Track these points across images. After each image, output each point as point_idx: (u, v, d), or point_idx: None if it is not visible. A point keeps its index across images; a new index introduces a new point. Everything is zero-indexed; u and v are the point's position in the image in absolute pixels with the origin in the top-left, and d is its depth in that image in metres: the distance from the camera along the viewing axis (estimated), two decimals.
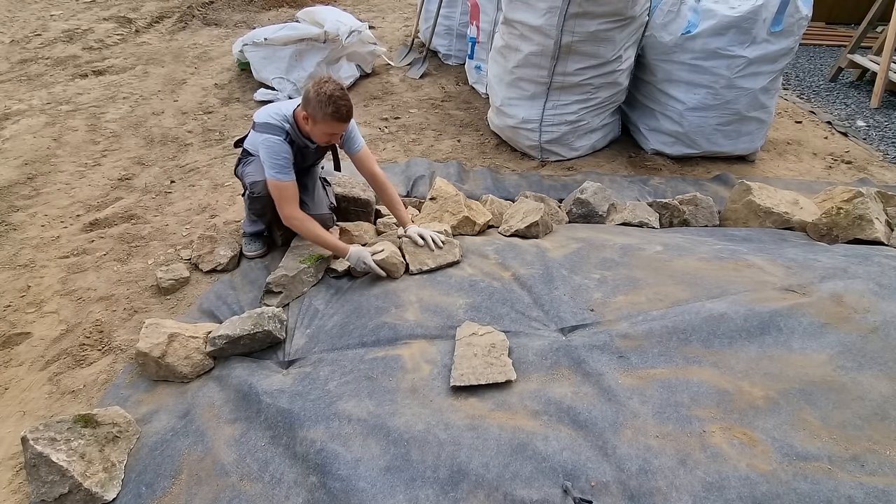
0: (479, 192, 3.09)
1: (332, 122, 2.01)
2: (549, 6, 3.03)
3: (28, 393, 1.94)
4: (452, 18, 4.94)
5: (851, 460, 1.40)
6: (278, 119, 2.14)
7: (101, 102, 4.34)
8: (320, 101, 1.97)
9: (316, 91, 1.98)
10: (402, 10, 7.01)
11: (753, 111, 3.36)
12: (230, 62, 5.08)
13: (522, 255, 2.28)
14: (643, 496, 1.34)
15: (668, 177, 3.42)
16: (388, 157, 3.58)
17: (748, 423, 1.51)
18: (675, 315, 1.85)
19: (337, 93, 1.98)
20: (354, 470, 1.44)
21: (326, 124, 2.03)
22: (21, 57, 5.26)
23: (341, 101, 1.99)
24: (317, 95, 1.98)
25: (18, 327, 2.23)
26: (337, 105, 1.98)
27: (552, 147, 3.53)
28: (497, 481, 1.39)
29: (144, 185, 3.24)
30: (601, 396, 1.60)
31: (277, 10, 6.86)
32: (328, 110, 1.97)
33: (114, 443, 1.62)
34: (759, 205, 2.68)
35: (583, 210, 2.79)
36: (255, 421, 1.67)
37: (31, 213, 2.97)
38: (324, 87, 1.98)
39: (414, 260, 2.23)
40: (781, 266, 2.12)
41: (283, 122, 2.14)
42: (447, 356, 1.79)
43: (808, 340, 1.74)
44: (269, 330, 1.92)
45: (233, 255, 2.50)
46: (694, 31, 3.22)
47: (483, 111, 4.12)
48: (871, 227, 2.42)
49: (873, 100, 4.66)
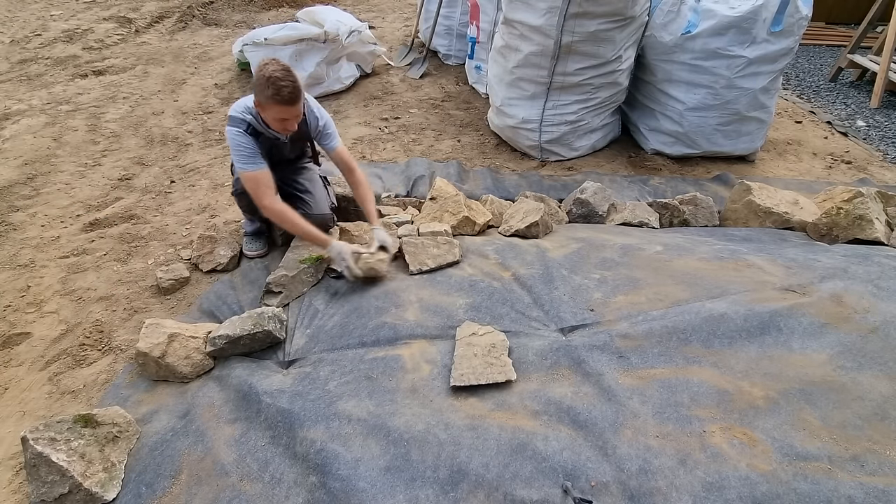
0: (479, 192, 3.09)
1: (276, 105, 1.92)
2: (549, 6, 3.03)
3: (28, 393, 1.94)
4: (452, 18, 4.94)
5: (851, 460, 1.40)
6: (240, 111, 2.09)
7: (101, 102, 4.34)
8: (261, 85, 1.88)
9: (257, 75, 1.90)
10: (402, 10, 7.01)
11: (753, 111, 3.36)
12: (230, 62, 5.08)
13: (522, 255, 2.28)
14: (643, 496, 1.34)
15: (668, 177, 3.42)
16: (388, 157, 3.58)
17: (748, 423, 1.51)
18: (675, 315, 1.85)
19: (277, 73, 1.87)
20: (354, 470, 1.44)
21: (273, 108, 1.94)
22: (21, 57, 5.26)
23: (281, 82, 1.88)
24: (258, 79, 1.89)
25: (18, 327, 2.23)
26: (277, 86, 1.87)
27: (552, 147, 3.53)
28: (497, 481, 1.39)
29: (144, 185, 3.24)
30: (601, 396, 1.60)
31: (277, 10, 6.86)
32: (269, 93, 1.89)
33: (114, 443, 1.62)
34: (759, 205, 2.68)
35: (583, 210, 2.79)
36: (255, 421, 1.67)
37: (31, 213, 2.97)
38: (264, 69, 1.88)
39: (414, 260, 2.23)
40: (781, 266, 2.12)
41: (245, 113, 2.08)
42: (447, 356, 1.79)
43: (808, 340, 1.74)
44: (269, 330, 1.92)
45: (233, 255, 2.50)
46: (694, 31, 3.22)
47: (483, 111, 4.12)
48: (871, 227, 2.42)
49: (873, 100, 4.66)
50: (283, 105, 1.92)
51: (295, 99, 1.93)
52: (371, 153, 3.63)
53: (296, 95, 1.93)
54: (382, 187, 3.19)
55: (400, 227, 2.49)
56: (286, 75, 1.89)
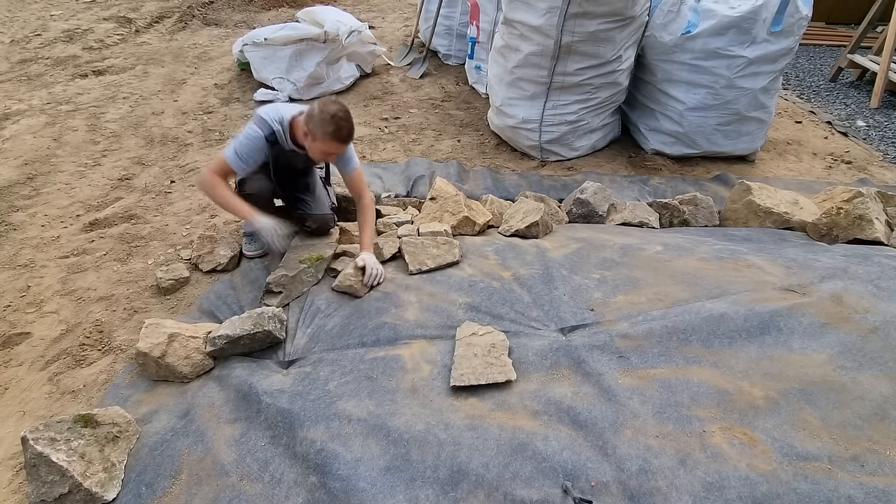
0: (479, 192, 3.09)
1: (331, 141, 2.01)
2: (549, 6, 3.03)
3: (28, 393, 1.94)
4: (452, 18, 4.94)
5: (851, 460, 1.40)
6: (273, 118, 2.12)
7: (101, 102, 4.34)
8: (323, 120, 1.98)
9: (321, 109, 1.99)
10: (402, 10, 7.01)
11: (753, 111, 3.36)
12: (230, 62, 5.08)
13: (522, 255, 2.28)
14: (643, 496, 1.34)
15: (668, 177, 3.42)
16: (388, 157, 3.58)
17: (748, 423, 1.51)
18: (675, 315, 1.85)
19: (340, 113, 1.99)
20: (354, 470, 1.44)
21: (325, 143, 2.02)
22: (21, 57, 5.26)
23: (343, 121, 2.00)
24: (320, 113, 1.98)
25: (18, 327, 2.23)
26: (339, 125, 1.99)
27: (552, 147, 3.53)
28: (497, 481, 1.39)
29: (144, 185, 3.24)
30: (601, 396, 1.60)
31: (277, 10, 6.86)
32: (329, 129, 1.98)
33: (114, 443, 1.62)
34: (759, 205, 2.68)
35: (583, 210, 2.79)
36: (255, 421, 1.67)
37: (31, 213, 2.97)
38: (329, 106, 2.00)
39: (413, 260, 2.23)
40: (781, 266, 2.12)
41: (276, 122, 2.12)
42: (447, 356, 1.79)
43: (808, 340, 1.74)
44: (269, 330, 1.92)
45: (233, 255, 2.50)
46: (694, 31, 3.22)
47: (483, 111, 4.12)
48: (871, 227, 2.42)
49: (873, 100, 4.66)
50: (339, 143, 2.04)
51: (349, 140, 2.08)
52: (371, 153, 3.63)
53: (350, 137, 2.07)
54: (382, 187, 3.19)
55: (400, 227, 2.49)
56: (347, 116, 2.02)
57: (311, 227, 2.39)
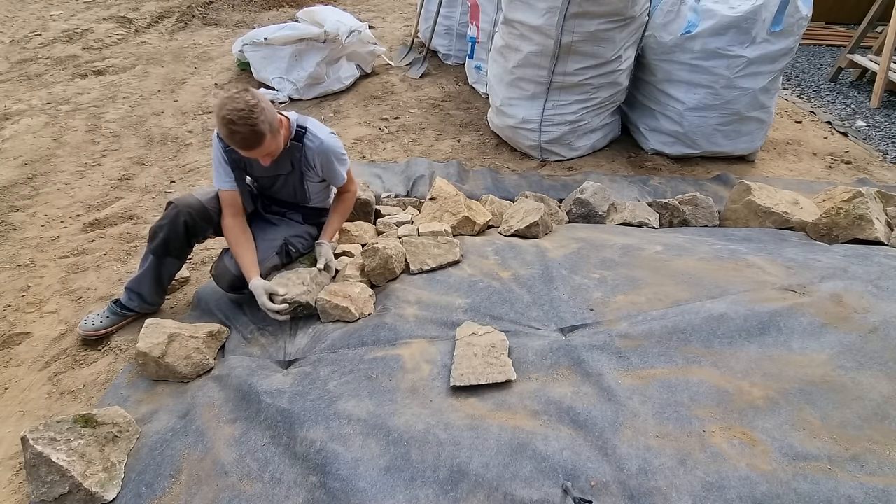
0: (479, 192, 3.08)
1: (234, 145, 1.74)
2: (549, 6, 3.03)
3: (28, 393, 1.94)
4: (452, 18, 4.94)
5: (851, 460, 1.40)
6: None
7: (101, 102, 4.34)
8: (219, 120, 1.68)
9: (218, 106, 1.68)
10: (402, 10, 7.01)
11: (753, 111, 3.36)
12: (230, 62, 5.08)
13: (522, 255, 2.28)
14: (643, 496, 1.34)
15: (668, 177, 3.42)
16: (388, 157, 3.58)
17: (748, 423, 1.51)
18: (675, 315, 1.85)
19: (233, 115, 1.64)
20: (354, 470, 1.44)
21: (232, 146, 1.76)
22: (21, 57, 5.26)
23: (234, 125, 1.65)
24: (218, 111, 1.68)
25: (18, 327, 2.23)
26: (230, 130, 1.66)
27: (552, 147, 3.53)
28: (497, 481, 1.39)
29: (144, 185, 3.24)
30: (601, 396, 1.60)
31: (277, 10, 6.86)
32: (224, 133, 1.70)
33: (114, 443, 1.62)
34: (759, 205, 2.68)
35: (583, 210, 2.79)
36: (254, 421, 1.67)
37: (31, 213, 2.97)
38: (226, 105, 1.66)
39: (414, 260, 2.23)
40: (781, 266, 2.12)
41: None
42: (447, 356, 1.79)
43: (808, 340, 1.74)
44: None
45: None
46: (694, 31, 3.22)
47: (483, 111, 4.12)
48: (871, 227, 2.42)
49: (873, 100, 4.66)
50: (240, 149, 1.75)
51: (250, 146, 1.72)
52: (371, 153, 3.63)
53: (250, 143, 1.71)
54: (382, 187, 3.19)
55: (400, 227, 2.49)
56: (244, 118, 1.64)
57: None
